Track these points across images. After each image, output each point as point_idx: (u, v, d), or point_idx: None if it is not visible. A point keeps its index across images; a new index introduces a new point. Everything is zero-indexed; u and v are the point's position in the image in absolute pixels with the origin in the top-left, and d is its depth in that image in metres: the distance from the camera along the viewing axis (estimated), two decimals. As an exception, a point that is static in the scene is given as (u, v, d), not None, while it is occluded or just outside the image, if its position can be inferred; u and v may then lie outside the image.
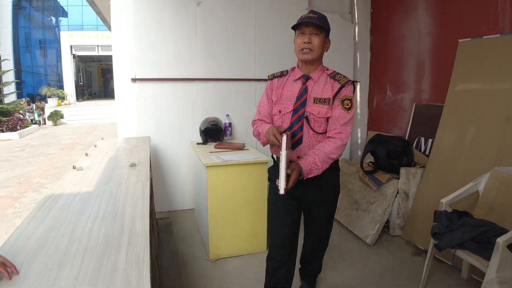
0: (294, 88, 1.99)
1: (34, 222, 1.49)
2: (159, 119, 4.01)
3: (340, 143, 1.87)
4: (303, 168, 1.79)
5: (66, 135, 11.82)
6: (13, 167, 7.13)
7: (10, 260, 1.12)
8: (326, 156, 1.84)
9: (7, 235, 3.73)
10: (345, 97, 1.89)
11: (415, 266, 2.91)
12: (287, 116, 1.97)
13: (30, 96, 17.24)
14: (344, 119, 1.88)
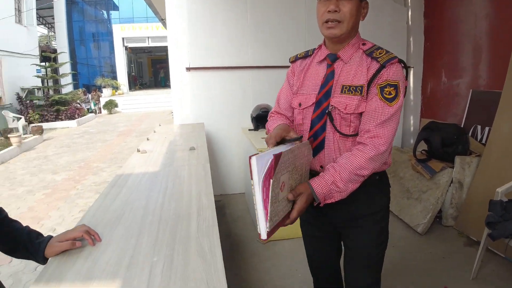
0: (319, 72, 1.43)
1: (109, 197, 1.65)
2: (212, 106, 4.16)
3: (374, 153, 1.24)
4: (316, 191, 1.24)
5: (121, 123, 12.43)
6: (73, 153, 7.65)
7: (94, 228, 1.28)
8: (351, 174, 1.24)
9: (70, 213, 4.12)
10: (386, 82, 1.25)
11: (467, 257, 2.83)
12: (308, 111, 1.43)
13: (85, 86, 18.19)
14: (383, 115, 1.25)
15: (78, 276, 0.99)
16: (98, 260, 1.08)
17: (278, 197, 1.07)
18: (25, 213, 4.21)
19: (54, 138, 9.53)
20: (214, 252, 1.13)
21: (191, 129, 3.54)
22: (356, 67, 1.33)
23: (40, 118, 11.18)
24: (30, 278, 2.78)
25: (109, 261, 1.07)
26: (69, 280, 0.98)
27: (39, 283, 0.97)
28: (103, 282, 0.97)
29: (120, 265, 1.05)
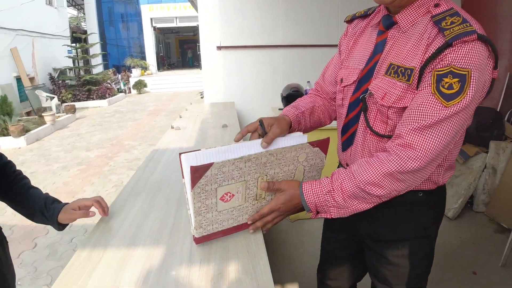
0: (370, 40, 1.06)
1: (147, 171, 1.70)
2: (242, 85, 4.17)
3: (395, 168, 0.87)
4: (307, 198, 0.97)
5: (150, 102, 12.65)
6: (105, 131, 7.87)
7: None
8: (357, 188, 0.91)
9: (104, 188, 4.27)
10: (448, 69, 0.82)
11: (497, 244, 2.81)
12: (348, 91, 1.09)
13: (115, 67, 18.51)
14: (429, 117, 0.84)
15: (123, 242, 1.03)
16: (141, 227, 1.12)
17: (216, 207, 0.94)
18: (61, 188, 4.40)
19: (86, 117, 9.82)
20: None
21: (222, 108, 3.57)
22: (415, 40, 0.91)
23: (73, 97, 11.51)
24: (66, 249, 2.93)
25: (152, 227, 1.11)
26: (114, 245, 1.02)
27: (85, 248, 1.01)
28: (147, 248, 1.00)
29: (162, 233, 1.08)
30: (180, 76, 17.25)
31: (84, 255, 0.97)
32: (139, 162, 5.42)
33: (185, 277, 0.88)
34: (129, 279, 0.87)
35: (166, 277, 0.88)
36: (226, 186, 0.92)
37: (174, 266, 0.92)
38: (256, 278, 0.87)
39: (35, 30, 11.64)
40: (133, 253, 0.98)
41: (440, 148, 0.85)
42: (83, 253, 0.98)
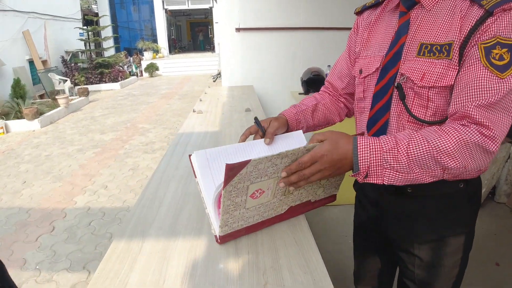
0: (390, 26, 1.00)
1: (175, 155, 1.64)
2: (261, 68, 4.06)
3: (476, 139, 0.77)
4: (360, 153, 0.81)
5: (163, 85, 12.56)
6: (119, 113, 7.83)
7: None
8: (427, 152, 0.78)
9: (121, 171, 4.24)
10: (495, 40, 0.78)
11: None
12: (370, 81, 1.03)
13: (126, 49, 18.42)
14: (493, 92, 0.77)
15: (161, 232, 0.97)
16: (178, 216, 1.06)
17: (244, 204, 0.87)
18: (77, 171, 4.38)
19: (99, 99, 9.79)
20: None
21: (241, 92, 3.48)
22: (444, 16, 0.86)
23: (85, 80, 11.49)
24: (85, 232, 2.90)
25: (190, 217, 1.05)
26: (152, 235, 0.96)
27: (121, 239, 0.95)
28: (189, 238, 0.94)
29: (202, 222, 1.02)
30: (192, 59, 17.11)
31: (121, 246, 0.91)
32: (155, 146, 5.39)
33: (234, 270, 0.82)
34: (175, 273, 0.81)
35: (215, 271, 0.82)
36: (259, 183, 0.85)
37: (221, 258, 0.86)
38: (310, 272, 0.81)
39: (46, 13, 11.55)
40: (174, 244, 0.92)
41: (508, 126, 0.78)
42: (119, 244, 0.92)
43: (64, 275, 2.40)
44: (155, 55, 17.09)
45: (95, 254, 2.61)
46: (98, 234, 2.89)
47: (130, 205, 3.38)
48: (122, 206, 3.38)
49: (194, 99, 9.54)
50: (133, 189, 3.78)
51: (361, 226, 1.23)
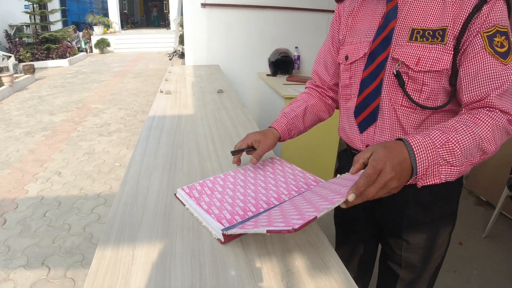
0: (376, 11, 0.99)
1: (151, 141, 1.47)
2: (227, 47, 3.88)
3: (506, 125, 0.80)
4: (417, 154, 0.73)
5: (115, 63, 11.92)
6: (69, 93, 7.32)
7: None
8: (475, 143, 0.77)
9: (75, 156, 3.95)
10: (495, 28, 0.81)
11: (478, 216, 2.98)
12: (357, 67, 1.03)
13: (75, 24, 17.26)
14: (505, 79, 0.80)
15: (154, 235, 0.83)
16: (170, 214, 0.92)
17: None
18: (26, 156, 4.03)
19: (47, 77, 9.09)
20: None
21: (208, 71, 3.31)
22: (434, 1, 0.88)
23: (31, 56, 10.62)
24: (40, 224, 2.66)
25: (184, 215, 0.92)
26: (145, 240, 0.82)
27: (107, 246, 0.81)
28: (188, 242, 0.81)
29: (199, 221, 0.90)
30: (146, 35, 16.36)
31: (109, 256, 0.76)
32: (111, 128, 5.09)
33: (248, 276, 0.71)
34: (181, 286, 0.68)
35: (227, 279, 0.70)
36: None
37: (231, 264, 0.75)
38: (331, 274, 0.73)
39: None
40: (172, 249, 0.78)
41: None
42: (105, 253, 0.77)
43: (21, 273, 2.17)
44: (106, 30, 16.18)
45: (53, 248, 2.39)
46: (55, 225, 2.65)
47: (88, 193, 3.15)
48: (79, 194, 3.14)
49: (149, 77, 9.16)
50: (90, 175, 3.53)
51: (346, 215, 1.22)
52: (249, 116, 1.85)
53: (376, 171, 0.68)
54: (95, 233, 2.57)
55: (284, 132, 1.12)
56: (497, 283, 2.21)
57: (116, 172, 3.61)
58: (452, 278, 2.23)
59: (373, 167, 0.69)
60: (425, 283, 1.10)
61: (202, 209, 0.89)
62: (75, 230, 2.60)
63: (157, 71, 10.14)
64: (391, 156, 0.71)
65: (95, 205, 2.97)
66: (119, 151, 4.23)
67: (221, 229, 0.80)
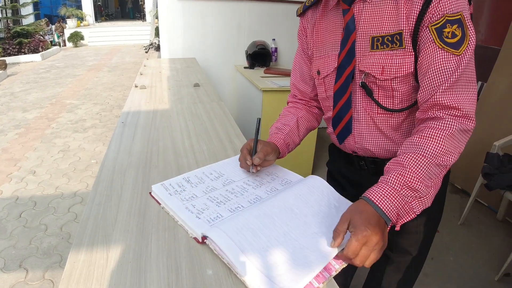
0: (336, 23, 0.99)
1: (125, 138, 1.44)
2: (204, 39, 3.84)
3: (457, 127, 0.80)
4: (382, 207, 0.77)
5: (89, 56, 11.63)
6: (42, 88, 7.11)
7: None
8: (431, 164, 0.80)
9: (49, 154, 3.85)
10: (444, 19, 0.79)
11: (453, 203, 3.04)
12: (330, 81, 1.03)
13: (47, 17, 16.72)
14: (452, 72, 0.79)
15: (129, 236, 0.81)
16: (145, 214, 0.90)
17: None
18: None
19: (19, 73, 8.79)
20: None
21: (184, 64, 3.26)
22: (388, 6, 0.86)
23: (2, 52, 10.25)
24: (16, 226, 2.58)
25: (160, 213, 0.90)
26: (119, 241, 0.80)
27: (80, 249, 0.78)
28: (162, 239, 0.80)
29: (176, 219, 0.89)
30: (121, 28, 16.06)
31: (82, 259, 0.74)
32: (86, 124, 4.97)
33: (226, 275, 0.70)
34: (156, 286, 0.67)
35: (203, 278, 0.69)
36: None
37: (208, 262, 0.74)
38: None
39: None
40: (148, 250, 0.77)
41: (475, 96, 0.82)
42: (79, 256, 0.75)
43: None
44: (79, 23, 15.76)
45: (30, 249, 2.33)
46: (31, 226, 2.58)
47: (64, 192, 3.07)
48: (55, 193, 3.06)
49: (125, 71, 8.98)
50: (65, 173, 3.44)
51: None
52: (226, 110, 1.83)
53: (356, 244, 0.70)
54: (72, 233, 2.51)
55: (282, 146, 1.08)
56: (473, 268, 2.27)
57: (92, 170, 3.53)
58: (429, 265, 2.28)
59: (355, 241, 0.71)
60: (414, 265, 1.14)
61: (178, 207, 0.88)
62: (52, 231, 2.53)
63: (134, 64, 9.96)
64: (366, 222, 0.72)
65: (71, 204, 2.90)
66: (95, 148, 4.14)
67: (201, 232, 0.78)
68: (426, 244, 1.13)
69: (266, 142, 1.04)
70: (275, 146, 1.06)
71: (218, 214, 0.85)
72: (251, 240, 0.74)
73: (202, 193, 0.95)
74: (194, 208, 0.87)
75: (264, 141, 1.04)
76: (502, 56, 3.17)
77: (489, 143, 2.64)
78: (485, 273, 2.24)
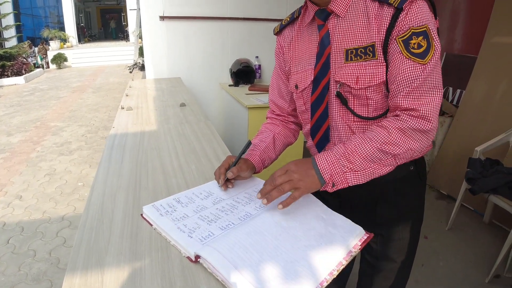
0: (312, 39, 1.06)
1: (114, 161, 1.46)
2: (188, 59, 3.89)
3: (409, 125, 0.87)
4: (320, 166, 0.90)
5: (73, 78, 11.58)
6: (26, 111, 7.05)
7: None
8: (374, 148, 0.89)
9: (35, 178, 3.81)
10: (410, 31, 0.87)
11: (440, 209, 3.12)
12: (307, 94, 1.09)
13: (30, 39, 16.64)
14: (416, 79, 0.86)
15: (122, 258, 0.83)
16: (137, 236, 0.91)
17: None
18: (-17, 180, 3.84)
19: (2, 96, 8.70)
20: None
21: (170, 84, 3.30)
22: (360, 20, 0.94)
23: (-15, 75, 10.17)
24: (4, 252, 2.56)
25: (151, 234, 0.92)
26: (113, 264, 0.82)
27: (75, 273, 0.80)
28: (155, 260, 0.82)
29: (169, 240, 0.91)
30: (104, 48, 16.06)
31: (77, 283, 0.75)
32: (71, 146, 4.94)
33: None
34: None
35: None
36: None
37: (202, 281, 0.75)
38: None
39: None
40: (142, 271, 0.78)
41: (438, 101, 0.87)
42: (74, 280, 0.76)
43: (-12, 304, 2.08)
44: (62, 44, 15.74)
45: (20, 276, 2.29)
46: (20, 252, 2.54)
47: (52, 216, 3.05)
48: (42, 218, 3.02)
49: (110, 92, 8.97)
50: (52, 197, 3.41)
51: None
52: (212, 129, 1.87)
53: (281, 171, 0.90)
54: (61, 257, 2.49)
55: (258, 163, 1.14)
56: (463, 272, 2.32)
57: (79, 193, 3.51)
58: (420, 271, 2.32)
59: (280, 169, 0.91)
60: (401, 272, 1.18)
61: (170, 227, 0.90)
62: (41, 256, 2.50)
63: (118, 85, 9.95)
64: (298, 162, 0.91)
65: (59, 228, 2.87)
66: (82, 170, 4.11)
67: (194, 251, 0.81)
68: (411, 250, 1.17)
69: (243, 159, 1.10)
70: (251, 164, 1.11)
71: (209, 232, 0.87)
72: (243, 256, 0.76)
73: (193, 212, 0.97)
74: (185, 228, 0.90)
75: (242, 159, 1.10)
76: (478, 64, 3.30)
77: (471, 149, 2.72)
78: (476, 276, 2.29)
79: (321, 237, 0.84)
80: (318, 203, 0.98)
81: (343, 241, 0.83)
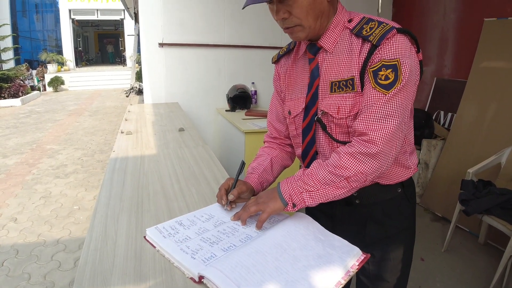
0: (304, 70, 1.15)
1: (116, 184, 1.49)
2: (186, 84, 3.98)
3: (356, 149, 0.94)
4: (282, 188, 1.02)
5: (70, 101, 11.67)
6: (22, 134, 7.08)
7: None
8: (326, 171, 0.97)
9: (31, 201, 3.80)
10: (380, 63, 0.94)
11: (435, 231, 3.16)
12: (299, 120, 1.17)
13: (28, 61, 16.83)
14: (375, 108, 0.94)
15: (127, 279, 0.86)
16: (142, 257, 0.94)
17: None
18: (-21, 203, 3.83)
19: (-2, 118, 8.76)
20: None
21: (168, 109, 3.36)
22: (344, 56, 1.02)
23: (-19, 97, 10.21)
24: (-2, 273, 2.54)
25: (155, 256, 0.95)
26: (119, 285, 0.84)
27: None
28: (159, 280, 0.84)
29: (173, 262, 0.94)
30: (101, 72, 16.25)
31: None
32: (67, 169, 4.95)
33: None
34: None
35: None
36: None
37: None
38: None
39: None
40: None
41: (392, 128, 0.93)
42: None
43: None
44: (60, 67, 15.87)
45: (13, 299, 2.28)
46: (14, 275, 2.52)
47: (47, 239, 3.03)
48: (37, 241, 3.01)
49: (107, 115, 9.03)
50: (47, 220, 3.40)
51: None
52: (211, 153, 1.91)
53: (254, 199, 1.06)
54: (56, 281, 2.47)
55: (256, 185, 1.20)
56: (460, 293, 2.33)
57: (75, 216, 3.50)
58: (417, 294, 2.33)
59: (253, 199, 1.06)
60: None
61: (173, 249, 0.93)
62: (36, 279, 2.48)
63: (114, 109, 10.03)
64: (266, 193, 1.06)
65: (54, 251, 2.86)
66: (77, 193, 4.11)
67: (197, 271, 0.83)
68: (404, 270, 1.21)
69: (242, 182, 1.17)
70: (250, 186, 1.17)
71: (212, 253, 0.91)
72: (246, 276, 0.80)
73: (195, 234, 1.00)
74: (188, 249, 0.93)
75: (241, 181, 1.17)
76: (468, 88, 3.42)
77: (463, 171, 2.78)
78: (473, 297, 2.30)
79: (320, 258, 0.88)
80: (316, 225, 1.03)
81: (341, 261, 0.87)
